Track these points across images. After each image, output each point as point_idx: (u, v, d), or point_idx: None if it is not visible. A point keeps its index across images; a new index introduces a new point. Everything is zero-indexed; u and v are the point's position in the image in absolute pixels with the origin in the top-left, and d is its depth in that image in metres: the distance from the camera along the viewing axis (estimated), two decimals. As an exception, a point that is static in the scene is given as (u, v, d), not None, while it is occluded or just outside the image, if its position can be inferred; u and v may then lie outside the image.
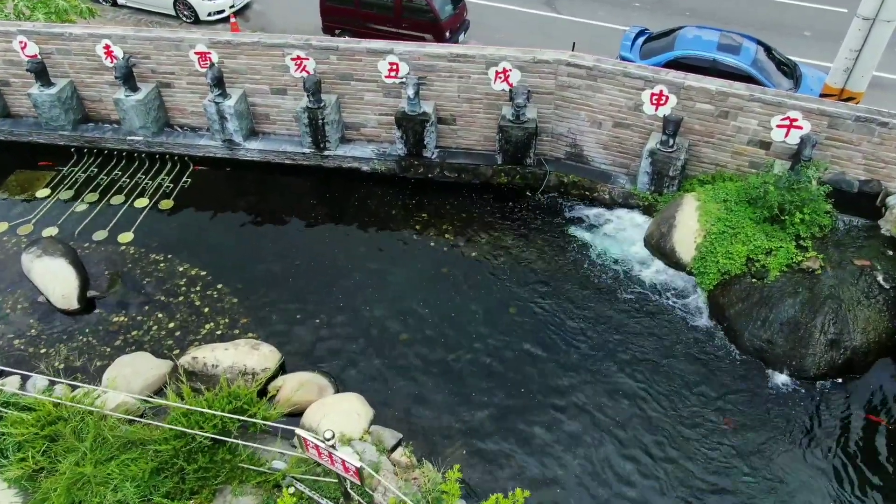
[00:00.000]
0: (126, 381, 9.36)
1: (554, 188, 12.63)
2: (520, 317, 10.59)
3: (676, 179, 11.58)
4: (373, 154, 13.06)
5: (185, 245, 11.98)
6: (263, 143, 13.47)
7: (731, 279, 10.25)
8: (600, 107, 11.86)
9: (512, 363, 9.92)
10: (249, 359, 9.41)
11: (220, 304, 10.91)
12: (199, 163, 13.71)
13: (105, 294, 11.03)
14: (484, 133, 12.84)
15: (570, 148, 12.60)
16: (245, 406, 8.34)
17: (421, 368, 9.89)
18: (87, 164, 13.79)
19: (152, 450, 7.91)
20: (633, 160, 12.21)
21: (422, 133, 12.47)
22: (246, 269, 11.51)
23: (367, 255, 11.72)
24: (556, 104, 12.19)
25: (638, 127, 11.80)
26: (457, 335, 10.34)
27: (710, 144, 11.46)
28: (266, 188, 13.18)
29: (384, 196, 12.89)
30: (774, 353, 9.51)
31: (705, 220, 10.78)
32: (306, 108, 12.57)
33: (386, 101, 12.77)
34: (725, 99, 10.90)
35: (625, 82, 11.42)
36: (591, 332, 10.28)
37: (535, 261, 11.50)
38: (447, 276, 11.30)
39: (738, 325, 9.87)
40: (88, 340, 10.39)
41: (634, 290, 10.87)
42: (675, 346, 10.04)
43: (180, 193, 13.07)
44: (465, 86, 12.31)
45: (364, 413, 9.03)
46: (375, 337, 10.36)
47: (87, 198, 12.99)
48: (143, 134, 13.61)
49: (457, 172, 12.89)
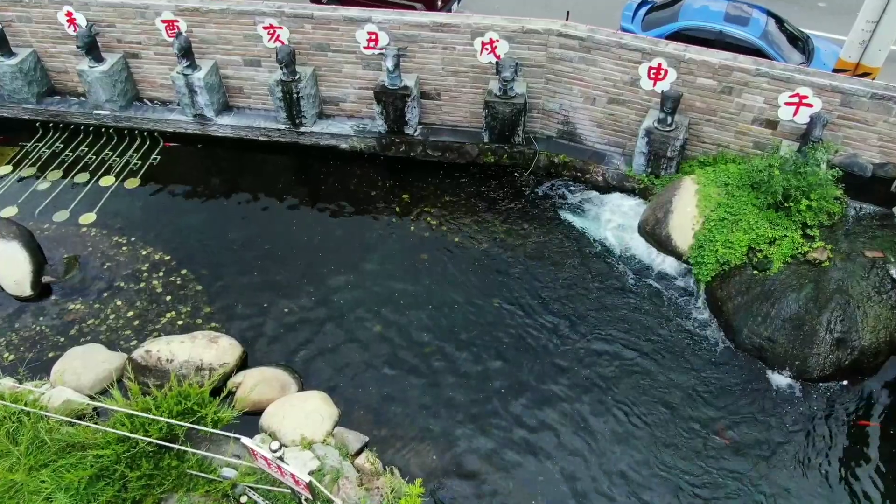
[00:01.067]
0: (75, 376, 8.72)
1: (544, 169, 11.81)
2: (504, 308, 9.86)
3: (675, 161, 10.74)
4: (352, 131, 12.26)
5: (149, 227, 11.27)
6: (237, 118, 12.67)
7: (731, 270, 9.47)
8: (594, 81, 10.99)
9: (494, 360, 9.21)
10: (207, 353, 8.74)
11: (183, 292, 10.22)
12: (169, 139, 12.94)
13: (61, 280, 10.35)
14: (470, 109, 11.99)
15: (562, 125, 11.76)
16: (195, 407, 7.70)
17: (394, 364, 9.21)
18: (51, 139, 13.04)
19: (92, 455, 7.29)
20: (629, 139, 11.36)
21: (403, 109, 11.64)
22: (213, 253, 10.81)
23: (343, 239, 10.98)
24: (546, 78, 11.32)
25: (634, 103, 10.94)
26: (436, 328, 9.63)
27: (712, 123, 10.60)
28: (239, 166, 12.41)
29: (363, 176, 12.11)
30: (775, 353, 8.77)
31: (704, 206, 9.97)
32: (280, 81, 11.74)
33: (366, 74, 11.93)
34: (729, 74, 10.01)
35: (620, 55, 10.53)
36: (580, 326, 9.55)
37: (522, 247, 10.74)
38: (427, 263, 10.57)
39: (736, 321, 9.12)
40: (41, 330, 9.74)
41: (627, 280, 10.11)
42: (668, 341, 9.31)
43: (148, 171, 12.33)
44: (450, 58, 11.44)
45: (328, 414, 8.37)
46: (347, 329, 9.66)
47: (50, 175, 12.28)
48: (111, 108, 12.83)
49: (441, 151, 12.08)
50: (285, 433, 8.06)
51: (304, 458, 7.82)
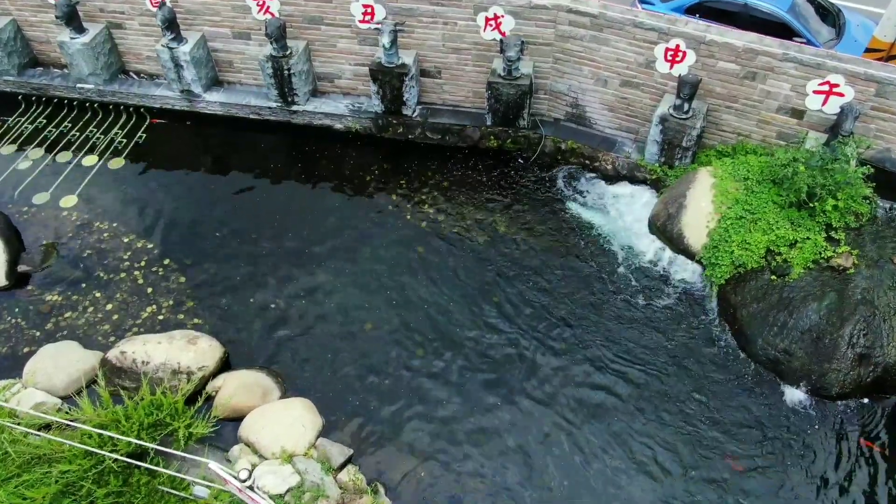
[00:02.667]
0: (47, 376, 8.29)
1: (550, 155, 11.07)
2: (504, 307, 9.29)
3: (690, 151, 9.97)
4: (347, 110, 11.54)
5: (132, 212, 10.72)
6: (226, 94, 11.98)
7: (747, 274, 8.81)
8: (606, 62, 10.17)
9: (490, 368, 8.67)
10: (185, 355, 8.25)
11: (166, 284, 9.72)
12: (156, 115, 12.29)
13: (38, 269, 9.87)
14: (473, 88, 11.22)
15: (570, 108, 10.97)
16: (167, 419, 7.26)
17: (384, 369, 8.70)
18: (34, 114, 12.43)
19: (58, 470, 6.88)
20: (641, 125, 10.58)
21: (400, 88, 10.89)
22: (197, 242, 10.26)
23: (336, 228, 10.38)
24: (555, 57, 10.50)
25: (649, 87, 10.13)
26: (429, 329, 9.08)
27: (733, 110, 9.79)
28: (229, 146, 11.77)
29: (359, 159, 11.44)
30: (791, 366, 8.16)
31: (721, 202, 9.25)
32: (270, 56, 11.00)
33: (362, 50, 11.16)
34: (754, 57, 9.16)
35: (635, 34, 9.69)
36: (582, 330, 8.96)
37: (525, 240, 10.09)
38: (424, 256, 9.96)
39: (750, 330, 8.49)
40: (17, 322, 9.30)
41: (634, 279, 9.48)
42: (675, 349, 8.72)
43: (134, 150, 11.72)
44: (452, 34, 10.63)
45: (311, 423, 7.90)
46: (335, 328, 9.14)
47: (31, 154, 11.71)
48: (94, 82, 12.16)
49: (440, 134, 11.36)
50: (264, 445, 7.62)
51: (284, 473, 7.39)
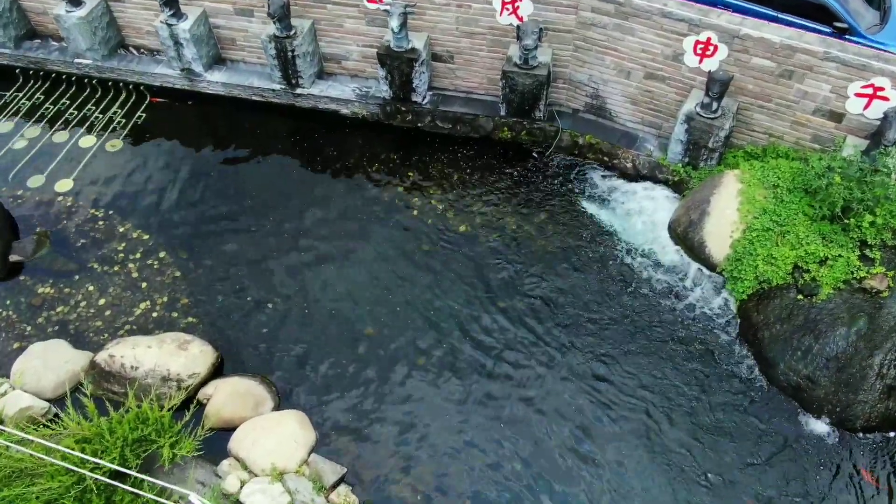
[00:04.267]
0: (36, 377, 8.03)
1: (566, 150, 10.45)
2: (510, 315, 8.83)
3: (717, 152, 9.32)
4: (353, 95, 10.94)
5: (129, 199, 10.32)
6: (228, 74, 11.42)
7: (771, 291, 8.25)
8: (630, 52, 9.46)
9: (495, 380, 8.26)
10: (175, 361, 7.93)
11: (161, 278, 9.36)
12: (157, 94, 11.79)
13: (30, 259, 9.54)
14: (487, 75, 10.56)
15: (590, 99, 10.30)
16: (152, 434, 6.96)
17: (382, 377, 8.32)
18: (32, 89, 11.98)
19: (38, 487, 6.63)
20: (665, 120, 9.90)
21: (409, 74, 10.27)
22: (194, 234, 9.86)
23: (339, 223, 9.92)
24: (575, 45, 9.80)
25: (675, 81, 9.43)
26: (432, 336, 8.67)
27: (766, 110, 9.09)
28: (230, 130, 11.26)
29: (365, 147, 10.89)
30: (814, 395, 7.66)
31: (747, 210, 8.64)
32: (273, 36, 10.40)
33: (370, 31, 10.51)
34: (792, 55, 8.43)
35: (663, 24, 8.96)
36: (589, 342, 8.50)
37: (536, 241, 9.57)
38: (429, 255, 9.49)
39: (772, 352, 7.97)
40: (7, 315, 9.02)
41: (650, 288, 8.95)
42: (690, 368, 8.24)
43: (132, 131, 11.27)
44: (465, 17, 9.95)
45: (304, 438, 7.57)
46: (334, 331, 8.76)
47: (27, 132, 11.30)
48: (92, 57, 11.64)
49: (451, 123, 10.75)
50: (255, 461, 7.32)
51: (274, 492, 7.11)
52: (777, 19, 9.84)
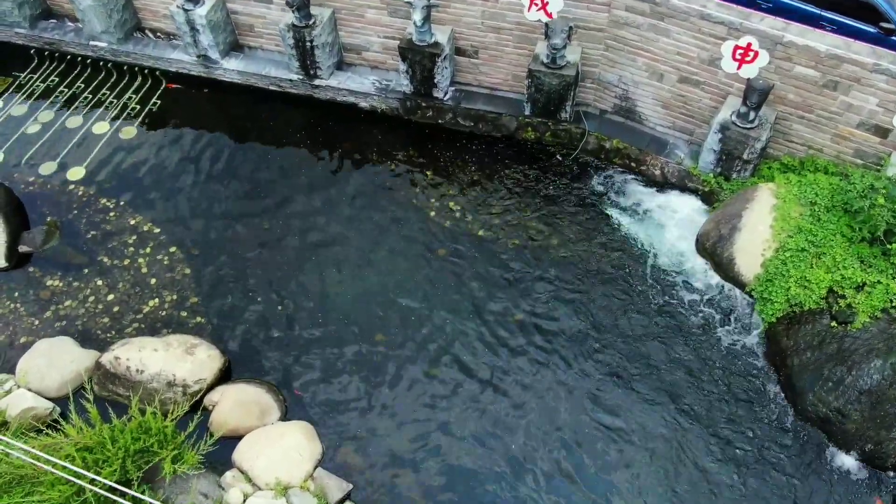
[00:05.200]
0: (40, 376, 7.89)
1: (592, 153, 10.02)
2: (525, 326, 8.53)
3: (752, 164, 8.85)
4: (373, 88, 10.57)
5: (141, 190, 10.10)
6: (245, 62, 11.08)
7: (803, 315, 7.84)
8: (664, 54, 8.98)
9: (507, 395, 7.98)
10: (181, 367, 7.73)
11: (171, 275, 9.16)
12: (172, 79, 11.50)
13: (39, 249, 9.38)
14: (512, 71, 10.13)
15: (619, 101, 9.84)
16: (155, 446, 6.79)
17: (393, 388, 8.08)
18: (47, 70, 11.75)
19: (38, 496, 6.50)
20: (698, 126, 9.44)
21: (431, 69, 9.87)
22: (205, 228, 9.63)
23: (352, 221, 9.63)
24: (606, 45, 9.33)
25: (711, 86, 8.94)
26: (447, 344, 8.39)
27: (806, 121, 8.59)
28: (245, 121, 10.96)
29: (383, 142, 10.55)
30: (844, 429, 7.29)
31: (781, 228, 8.20)
32: (292, 25, 10.03)
33: (392, 22, 10.10)
34: (838, 65, 7.91)
35: (701, 27, 8.46)
36: (608, 358, 8.17)
37: (557, 249, 9.22)
38: (445, 260, 9.18)
39: (801, 381, 7.60)
40: (15, 308, 8.89)
41: (673, 303, 8.58)
42: (712, 392, 7.89)
43: (146, 118, 11.01)
44: (492, 11, 9.50)
45: (309, 451, 7.37)
46: (345, 335, 8.51)
47: (41, 116, 11.09)
48: (107, 40, 11.37)
49: (473, 121, 10.36)
50: (258, 474, 7.14)
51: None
52: (820, 17, 9.31)
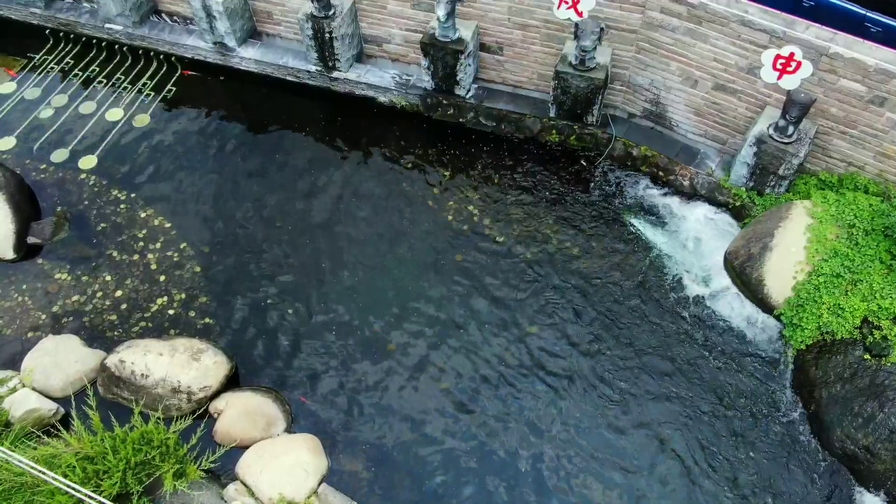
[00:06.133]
0: (45, 375, 7.76)
1: (618, 160, 9.61)
2: (540, 340, 8.24)
3: (787, 180, 8.41)
4: (392, 83, 10.20)
5: (152, 181, 9.88)
6: (262, 51, 10.75)
7: (834, 345, 7.47)
8: (700, 60, 8.52)
9: (526, 408, 7.72)
10: (186, 373, 7.55)
11: (180, 273, 8.96)
12: (188, 66, 11.21)
13: (48, 242, 9.21)
14: (538, 70, 9.71)
15: (649, 105, 9.40)
16: (156, 458, 6.63)
17: (403, 400, 7.85)
18: (61, 52, 11.51)
19: None
20: (731, 136, 8.99)
21: (454, 66, 9.47)
22: (217, 225, 9.40)
23: (368, 223, 9.35)
24: (638, 47, 8.87)
25: (748, 95, 8.48)
26: (461, 358, 8.13)
27: (848, 137, 8.12)
28: (261, 112, 10.66)
29: (402, 140, 10.21)
30: (872, 468, 6.95)
31: (816, 250, 7.79)
32: (311, 16, 9.67)
33: (415, 15, 9.70)
34: (887, 80, 7.42)
35: (741, 33, 7.98)
36: (624, 373, 7.88)
37: (577, 260, 8.88)
38: (462, 267, 8.89)
39: (829, 415, 7.25)
40: (23, 301, 8.75)
41: (696, 324, 8.23)
42: (734, 420, 7.56)
43: (161, 106, 10.76)
44: (519, 7, 9.07)
45: (314, 467, 7.18)
46: (355, 343, 8.28)
47: (54, 101, 10.87)
48: (123, 24, 11.09)
49: (495, 121, 9.97)
50: (262, 489, 6.97)
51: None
52: (865, 18, 8.77)
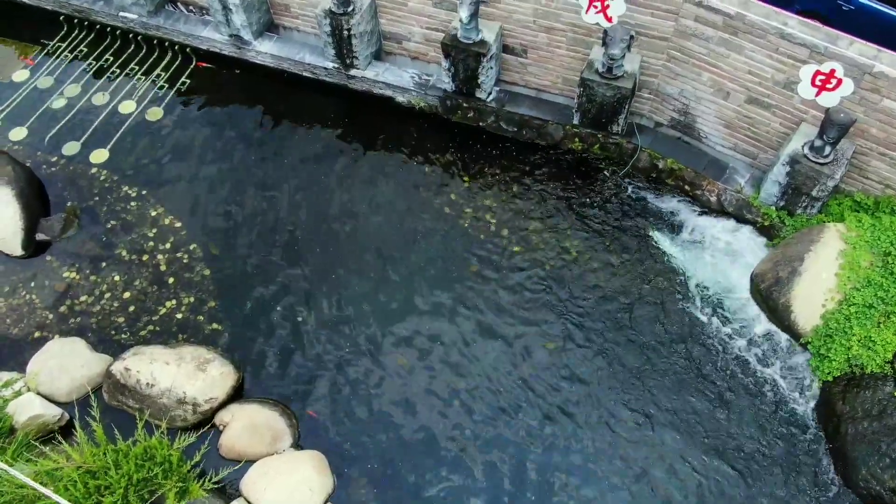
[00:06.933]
0: (50, 379, 7.64)
1: (643, 171, 9.27)
2: (557, 357, 8.00)
3: (820, 201, 8.04)
4: (411, 83, 9.89)
5: (164, 178, 9.69)
6: (278, 45, 10.46)
7: (863, 379, 7.16)
8: (733, 72, 8.13)
9: (533, 427, 7.51)
10: (192, 384, 7.40)
11: (189, 275, 8.79)
12: (203, 58, 10.95)
13: (57, 239, 9.07)
14: (563, 74, 9.35)
15: (677, 115, 9.03)
16: (159, 475, 6.49)
17: (413, 418, 7.66)
18: (75, 40, 11.29)
19: (36, 521, 6.29)
20: (763, 151, 8.61)
21: (476, 69, 9.14)
22: (227, 225, 9.21)
23: (382, 228, 9.11)
24: (669, 55, 8.49)
25: (783, 111, 8.10)
26: (473, 373, 7.91)
27: (887, 159, 7.73)
28: (277, 108, 10.39)
29: (419, 142, 9.92)
30: (898, 512, 6.68)
31: (848, 278, 7.45)
32: (329, 12, 9.36)
33: (436, 13, 9.35)
34: (934, 103, 7.03)
35: (779, 46, 7.58)
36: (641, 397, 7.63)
37: (595, 274, 8.60)
38: (477, 279, 8.64)
39: (854, 452, 6.96)
40: (30, 299, 8.63)
41: (718, 347, 7.94)
42: (753, 451, 7.30)
43: (175, 99, 10.52)
44: (545, 10, 8.70)
45: (320, 486, 7.02)
46: (364, 356, 8.09)
47: (67, 91, 10.67)
48: (137, 12, 10.83)
49: (516, 127, 9.64)
50: (266, 507, 6.83)
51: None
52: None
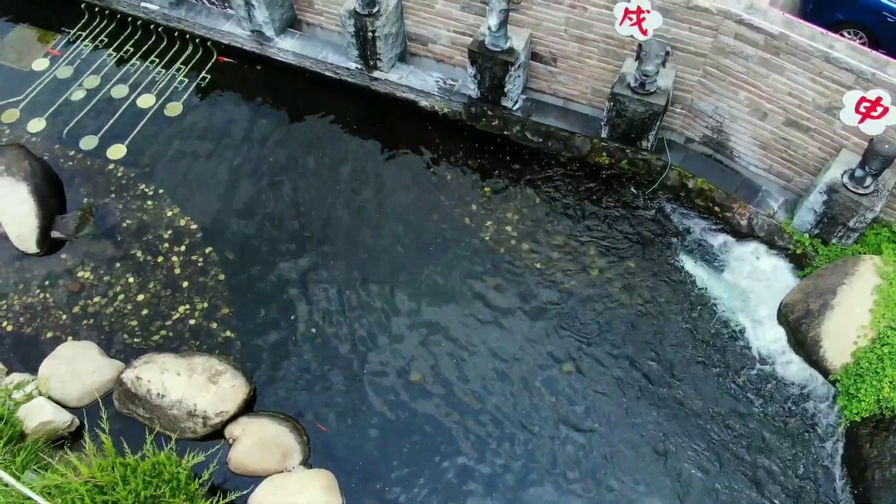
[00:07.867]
0: (62, 383, 7.58)
1: (672, 190, 8.97)
2: (574, 381, 7.81)
3: (857, 232, 7.72)
4: (435, 88, 9.62)
5: (181, 177, 9.55)
6: (301, 43, 10.21)
7: (893, 423, 6.89)
8: (772, 93, 7.78)
9: (541, 450, 7.35)
10: (203, 396, 7.29)
11: (203, 279, 8.67)
12: (224, 52, 10.74)
13: (72, 237, 8.97)
14: (593, 85, 9.03)
15: (710, 132, 8.70)
16: (167, 493, 6.40)
17: (424, 439, 7.52)
18: (96, 29, 11.11)
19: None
20: (799, 174, 8.28)
21: (503, 78, 8.85)
22: (243, 228, 9.06)
23: (400, 236, 8.92)
24: (705, 71, 8.15)
25: (822, 135, 7.75)
26: (491, 392, 7.75)
27: (931, 192, 7.39)
28: (298, 107, 10.18)
29: (441, 149, 9.67)
30: (923, 565, 6.45)
31: (883, 315, 7.15)
32: (353, 13, 9.09)
33: (464, 17, 9.05)
34: None
35: (823, 70, 7.22)
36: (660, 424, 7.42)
37: (618, 295, 8.37)
38: (496, 293, 8.44)
39: (878, 498, 6.72)
40: (44, 298, 8.56)
41: (740, 378, 7.70)
42: (774, 490, 7.08)
43: (194, 94, 10.34)
44: (578, 19, 8.37)
45: (329, 507, 6.93)
46: (377, 372, 7.94)
47: (86, 82, 10.51)
48: (159, 3, 10.62)
49: (542, 138, 9.36)
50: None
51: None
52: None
